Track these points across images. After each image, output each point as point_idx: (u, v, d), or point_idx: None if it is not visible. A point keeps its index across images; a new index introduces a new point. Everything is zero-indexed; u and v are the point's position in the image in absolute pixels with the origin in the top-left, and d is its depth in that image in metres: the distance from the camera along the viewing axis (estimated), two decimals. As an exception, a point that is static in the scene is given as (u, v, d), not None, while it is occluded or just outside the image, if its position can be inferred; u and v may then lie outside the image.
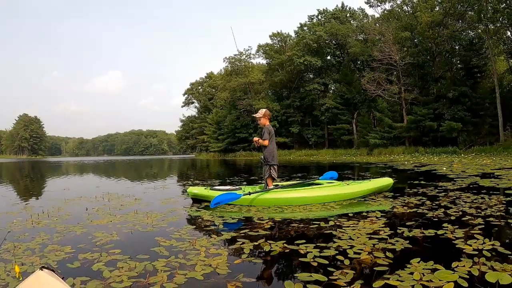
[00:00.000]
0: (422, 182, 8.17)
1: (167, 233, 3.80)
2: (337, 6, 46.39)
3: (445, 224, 3.75)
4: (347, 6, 46.33)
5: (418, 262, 2.59)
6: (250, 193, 5.43)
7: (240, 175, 12.66)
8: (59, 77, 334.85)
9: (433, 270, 2.42)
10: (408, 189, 6.94)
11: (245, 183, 9.11)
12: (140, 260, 2.87)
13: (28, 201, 6.93)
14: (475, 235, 3.26)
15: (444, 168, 12.15)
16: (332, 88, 45.89)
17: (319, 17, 46.39)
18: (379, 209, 4.82)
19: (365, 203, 5.49)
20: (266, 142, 5.86)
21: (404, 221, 4.06)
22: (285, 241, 3.34)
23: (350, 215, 4.54)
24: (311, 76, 46.61)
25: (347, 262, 2.69)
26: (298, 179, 9.19)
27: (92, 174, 17.96)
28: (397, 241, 3.19)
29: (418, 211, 4.59)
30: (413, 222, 3.93)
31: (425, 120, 29.49)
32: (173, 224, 4.32)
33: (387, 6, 36.21)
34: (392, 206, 5.05)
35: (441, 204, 5.06)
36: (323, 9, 46.25)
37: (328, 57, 45.53)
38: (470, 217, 4.06)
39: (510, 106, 27.73)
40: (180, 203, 6.17)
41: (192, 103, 77.96)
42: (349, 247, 3.05)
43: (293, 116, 44.97)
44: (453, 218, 4.08)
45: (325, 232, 3.68)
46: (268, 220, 4.37)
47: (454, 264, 2.52)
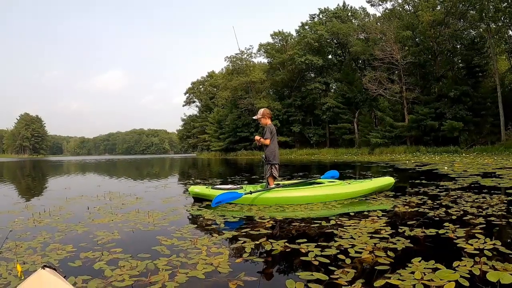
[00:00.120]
0: (424, 181, 8.16)
1: (168, 232, 3.81)
2: (338, 5, 46.39)
3: (446, 224, 3.74)
4: (348, 5, 46.33)
5: (419, 261, 2.59)
6: (251, 192, 5.42)
7: (242, 174, 12.66)
8: (60, 76, 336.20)
9: (434, 270, 2.42)
10: (410, 189, 6.94)
11: (246, 182, 9.11)
12: (141, 259, 2.87)
13: (29, 200, 6.95)
14: (476, 235, 3.26)
15: (446, 168, 12.14)
16: (334, 87, 45.90)
17: (320, 16, 46.35)
18: (380, 208, 4.82)
19: (366, 202, 5.48)
20: (267, 141, 5.85)
21: (405, 220, 4.05)
22: (286, 240, 3.33)
23: (351, 214, 4.54)
24: (313, 75, 46.60)
25: (348, 261, 2.69)
26: (300, 178, 9.20)
27: (94, 173, 17.99)
28: (398, 240, 3.19)
29: (419, 211, 4.58)
30: (414, 222, 3.93)
31: (427, 120, 29.46)
32: (175, 223, 4.32)
33: (389, 5, 36.26)
34: (394, 206, 5.04)
35: (442, 203, 5.05)
36: (325, 8, 46.22)
37: (330, 56, 45.50)
38: (471, 217, 4.06)
39: (511, 105, 27.67)
40: (182, 202, 6.17)
41: (194, 102, 78.06)
42: (350, 246, 3.05)
43: (294, 115, 45.00)
44: (454, 217, 4.08)
45: (326, 231, 3.68)
46: (269, 219, 4.37)
47: (455, 263, 2.52)
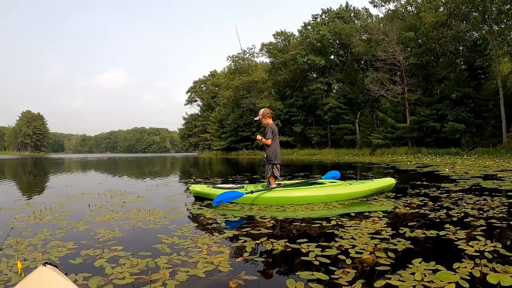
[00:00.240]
0: (425, 183, 8.15)
1: (169, 231, 3.81)
2: (341, 5, 46.31)
3: (447, 225, 3.74)
4: (351, 5, 46.26)
5: (420, 262, 2.59)
6: (252, 192, 5.43)
7: (243, 174, 12.66)
8: (62, 74, 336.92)
9: (435, 271, 2.42)
10: (411, 190, 6.93)
11: (248, 181, 9.12)
12: (142, 257, 2.88)
13: (30, 197, 6.96)
14: (477, 237, 3.26)
15: (447, 169, 12.12)
16: (335, 87, 45.83)
17: (323, 17, 46.27)
18: (381, 209, 4.82)
19: (367, 203, 5.48)
20: (269, 141, 5.85)
21: (406, 221, 4.05)
22: (287, 239, 3.34)
23: (352, 214, 4.55)
24: (315, 75, 46.55)
25: (349, 261, 2.69)
26: (301, 178, 9.20)
27: (95, 171, 18.02)
28: (399, 241, 3.19)
29: (420, 212, 4.58)
30: (415, 223, 3.93)
31: (428, 121, 29.40)
32: (175, 221, 4.33)
33: (391, 6, 36.20)
34: (394, 207, 5.04)
35: (443, 205, 5.05)
36: (327, 9, 46.15)
37: (332, 57, 45.43)
38: (472, 219, 4.05)
39: (513, 107, 27.61)
40: (183, 200, 6.18)
41: (195, 101, 78.06)
42: (351, 246, 3.06)
43: (296, 115, 44.97)
44: (455, 219, 4.07)
45: (327, 231, 3.68)
46: (270, 219, 4.37)
47: (455, 265, 2.52)
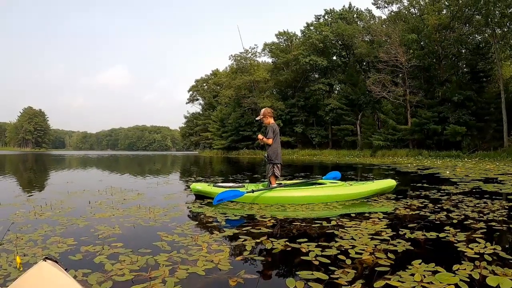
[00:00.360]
0: (425, 185, 8.14)
1: (169, 228, 3.82)
2: (344, 6, 46.31)
3: (447, 227, 3.74)
4: (354, 7, 46.25)
5: (420, 263, 2.59)
6: (253, 191, 5.43)
7: (243, 173, 12.66)
8: (64, 71, 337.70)
9: (434, 272, 2.42)
10: (411, 192, 6.92)
11: (248, 181, 9.12)
12: (142, 254, 2.89)
13: (31, 193, 6.97)
14: (477, 239, 3.26)
15: (448, 172, 12.11)
16: (337, 88, 45.88)
17: (325, 17, 46.31)
18: (381, 211, 4.82)
19: (368, 204, 5.48)
20: (270, 141, 5.86)
21: (406, 223, 4.05)
22: (287, 239, 3.34)
23: (352, 215, 4.55)
24: (316, 76, 46.58)
25: (348, 261, 2.69)
26: (301, 178, 9.20)
27: (96, 168, 18.03)
28: (399, 242, 3.19)
29: (420, 214, 4.58)
30: (415, 224, 3.93)
31: (430, 123, 29.38)
32: (176, 219, 4.33)
33: (394, 7, 36.17)
34: (395, 208, 5.04)
35: (444, 207, 5.04)
36: (330, 9, 46.19)
37: (334, 58, 45.47)
38: (472, 221, 4.05)
39: (515, 111, 27.56)
40: (183, 199, 6.19)
41: (197, 100, 78.14)
42: (351, 247, 3.06)
43: (297, 116, 44.99)
44: (455, 221, 4.07)
45: (327, 231, 3.69)
46: (270, 218, 4.37)
47: (455, 266, 2.52)
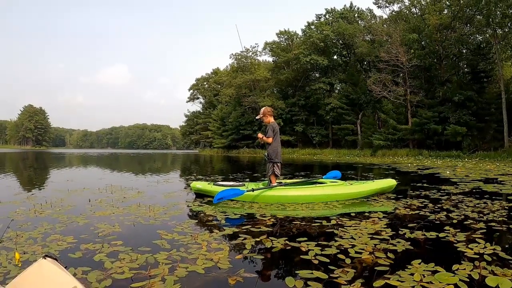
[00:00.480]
0: (425, 185, 8.14)
1: (169, 227, 3.82)
2: (345, 6, 46.24)
3: (447, 227, 3.74)
4: (355, 6, 46.19)
5: (419, 263, 2.59)
6: (253, 190, 5.43)
7: (244, 172, 12.67)
8: (64, 70, 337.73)
9: (434, 272, 2.42)
10: (411, 191, 6.92)
11: (248, 179, 9.12)
12: (141, 252, 2.89)
13: (31, 191, 6.98)
14: (477, 239, 3.26)
15: (448, 172, 12.10)
16: (338, 88, 45.81)
17: (326, 16, 46.23)
18: (381, 210, 4.82)
19: (368, 204, 5.48)
20: (270, 140, 5.87)
21: (406, 222, 4.05)
22: (286, 238, 3.34)
23: (352, 214, 4.55)
24: (317, 75, 46.55)
25: (348, 261, 2.69)
26: (302, 177, 9.20)
27: (96, 166, 18.04)
28: (398, 242, 3.19)
29: (420, 213, 4.58)
30: (415, 224, 3.93)
31: (430, 123, 29.36)
32: (176, 217, 4.33)
33: (395, 7, 36.16)
34: (395, 208, 5.04)
35: (444, 207, 5.04)
36: (331, 9, 46.10)
37: (335, 57, 45.41)
38: (472, 221, 4.05)
39: (515, 111, 27.54)
40: (183, 197, 6.19)
41: (197, 98, 78.04)
42: (351, 246, 3.06)
43: (297, 115, 44.97)
44: (455, 221, 4.07)
45: (327, 230, 3.69)
46: (270, 217, 4.37)
47: (454, 266, 2.52)
